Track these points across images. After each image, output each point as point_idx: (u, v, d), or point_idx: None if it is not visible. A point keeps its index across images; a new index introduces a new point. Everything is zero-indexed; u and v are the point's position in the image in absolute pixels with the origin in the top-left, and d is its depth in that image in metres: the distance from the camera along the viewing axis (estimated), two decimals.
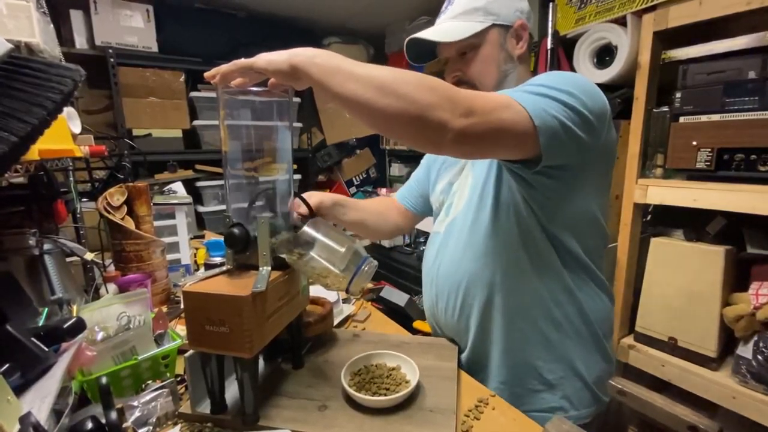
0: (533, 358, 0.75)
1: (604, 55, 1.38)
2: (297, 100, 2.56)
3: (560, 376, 0.75)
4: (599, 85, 1.45)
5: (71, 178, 1.12)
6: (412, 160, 2.81)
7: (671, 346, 1.23)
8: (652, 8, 1.21)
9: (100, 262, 1.01)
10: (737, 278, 1.17)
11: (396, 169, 2.82)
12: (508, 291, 0.75)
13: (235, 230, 0.59)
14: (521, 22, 0.77)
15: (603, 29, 1.35)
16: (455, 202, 0.84)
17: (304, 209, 0.77)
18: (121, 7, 1.89)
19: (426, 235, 2.25)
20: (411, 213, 1.05)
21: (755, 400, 1.06)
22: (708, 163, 1.10)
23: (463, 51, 0.77)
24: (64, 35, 1.86)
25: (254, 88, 0.70)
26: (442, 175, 0.93)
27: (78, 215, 1.12)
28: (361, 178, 2.92)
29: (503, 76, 0.77)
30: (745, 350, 1.09)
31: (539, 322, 0.75)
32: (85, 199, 1.29)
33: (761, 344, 1.06)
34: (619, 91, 1.37)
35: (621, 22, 1.31)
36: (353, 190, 2.89)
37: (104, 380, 0.39)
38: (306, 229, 0.66)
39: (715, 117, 1.09)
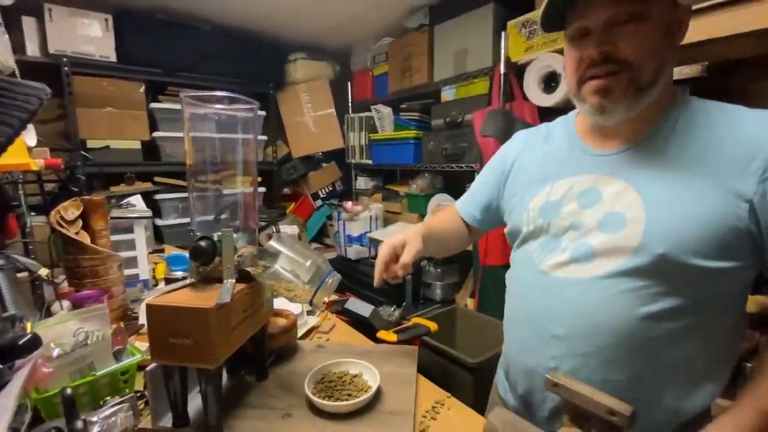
0: None
1: (550, 81, 1.51)
2: (262, 113, 2.56)
3: None
4: (546, 108, 1.59)
5: (20, 191, 1.08)
6: (377, 173, 2.87)
7: None
8: None
9: (49, 279, 0.97)
10: None
11: (362, 182, 2.87)
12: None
13: (202, 243, 0.61)
14: (688, 5, 0.59)
15: (549, 58, 1.48)
16: (599, 246, 0.60)
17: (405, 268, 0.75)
18: (78, 16, 1.84)
19: None
20: (474, 228, 0.89)
21: None
22: None
23: (624, 19, 0.57)
24: (14, 42, 1.78)
25: (220, 102, 0.72)
26: (534, 189, 0.71)
27: (27, 230, 1.07)
28: (327, 191, 2.94)
29: (661, 68, 0.58)
30: None
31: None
32: (33, 213, 1.24)
33: None
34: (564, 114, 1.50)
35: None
36: (319, 203, 2.90)
37: (69, 391, 0.40)
38: (271, 242, 0.68)
39: None
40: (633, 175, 0.60)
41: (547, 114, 1.59)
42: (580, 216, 0.63)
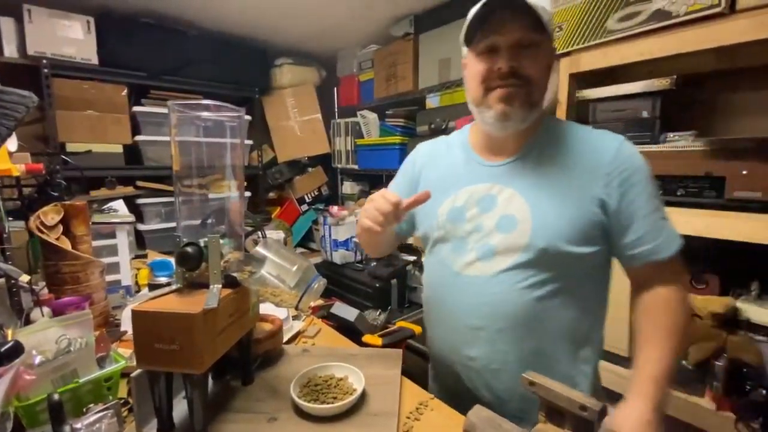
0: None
1: None
2: (247, 117, 2.55)
3: None
4: None
5: None
6: (364, 178, 2.88)
7: None
8: (568, 54, 1.40)
9: (27, 285, 0.95)
10: None
11: (348, 187, 2.88)
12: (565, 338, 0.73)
13: (189, 248, 0.62)
14: (555, 50, 0.75)
15: None
16: (498, 245, 0.72)
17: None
18: (59, 17, 1.81)
19: None
20: (398, 233, 0.96)
21: None
22: None
23: (527, 43, 0.69)
24: None
25: (207, 109, 0.73)
26: (440, 198, 0.80)
27: (5, 235, 1.05)
28: (313, 195, 2.94)
29: (544, 91, 0.73)
30: None
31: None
32: (10, 218, 1.21)
33: None
34: None
35: None
36: (305, 207, 2.90)
37: (56, 396, 0.40)
38: (258, 248, 0.69)
39: None
40: (518, 183, 0.74)
41: None
42: (480, 219, 0.75)
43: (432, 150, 0.92)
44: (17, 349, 0.53)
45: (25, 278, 0.77)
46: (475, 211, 0.75)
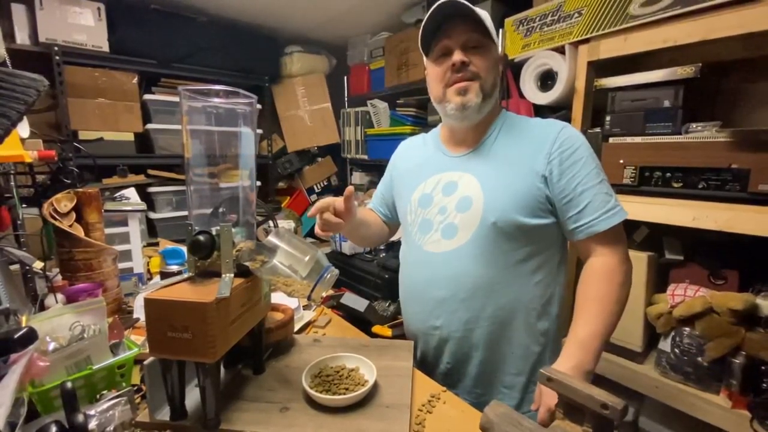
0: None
1: (547, 80, 1.51)
2: (258, 106, 2.54)
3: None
4: (542, 106, 1.59)
5: (12, 183, 1.06)
6: (373, 168, 2.86)
7: None
8: (587, 41, 1.35)
9: (41, 272, 0.96)
10: (658, 280, 1.33)
11: (357, 177, 2.86)
12: (525, 312, 0.82)
13: (201, 237, 0.61)
14: (501, 56, 0.87)
15: (545, 56, 1.49)
16: (458, 223, 0.82)
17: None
18: (70, 4, 1.80)
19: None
20: (388, 223, 1.09)
21: (674, 389, 1.20)
22: (632, 179, 1.25)
23: (477, 44, 0.80)
24: (2, 30, 1.74)
25: (218, 95, 0.72)
26: (413, 185, 0.92)
27: (19, 222, 1.06)
28: (323, 185, 2.93)
29: (494, 86, 0.83)
30: (665, 344, 1.24)
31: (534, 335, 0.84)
32: (24, 205, 1.22)
33: (677, 339, 1.21)
34: (559, 112, 1.51)
35: (561, 50, 1.45)
36: (314, 197, 2.89)
37: (69, 385, 0.40)
38: (270, 237, 0.68)
39: (638, 139, 1.24)
40: (475, 169, 0.84)
41: (542, 112, 1.60)
42: (444, 202, 0.85)
43: (410, 146, 1.05)
44: (31, 336, 0.53)
45: (38, 265, 0.78)
46: (441, 195, 0.86)
